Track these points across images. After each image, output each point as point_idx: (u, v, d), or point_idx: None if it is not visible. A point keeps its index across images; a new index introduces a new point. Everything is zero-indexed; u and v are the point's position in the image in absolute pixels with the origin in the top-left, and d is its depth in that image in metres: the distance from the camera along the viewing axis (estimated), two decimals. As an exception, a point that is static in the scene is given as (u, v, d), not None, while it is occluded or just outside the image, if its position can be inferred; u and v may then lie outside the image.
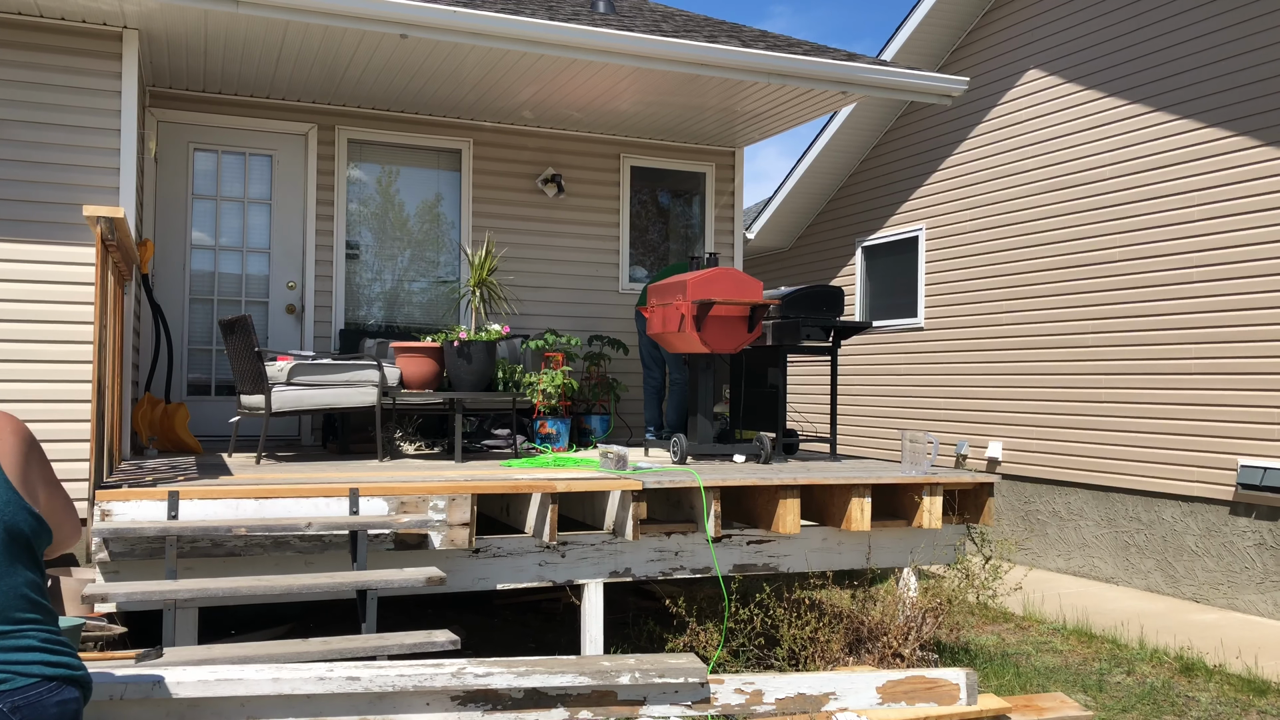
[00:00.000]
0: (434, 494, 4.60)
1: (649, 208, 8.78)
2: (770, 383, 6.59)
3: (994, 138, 9.14)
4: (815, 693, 2.79)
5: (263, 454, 5.82)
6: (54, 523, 2.08)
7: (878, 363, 10.54)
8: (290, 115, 7.61)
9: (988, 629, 6.38)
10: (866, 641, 5.26)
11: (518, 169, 8.26)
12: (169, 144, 7.38)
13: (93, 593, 3.85)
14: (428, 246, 8.08)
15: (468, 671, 2.60)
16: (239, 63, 6.73)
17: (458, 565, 4.76)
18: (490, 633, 6.05)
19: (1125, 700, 4.93)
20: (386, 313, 7.96)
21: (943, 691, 3.15)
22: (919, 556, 5.74)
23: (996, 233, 9.05)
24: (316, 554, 4.50)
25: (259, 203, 7.62)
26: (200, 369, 7.48)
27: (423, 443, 6.69)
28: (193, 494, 4.27)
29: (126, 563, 4.23)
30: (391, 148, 7.96)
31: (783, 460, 6.25)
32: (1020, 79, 8.86)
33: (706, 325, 5.77)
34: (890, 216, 10.50)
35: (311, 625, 5.92)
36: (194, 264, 7.44)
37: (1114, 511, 7.86)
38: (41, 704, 1.88)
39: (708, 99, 7.52)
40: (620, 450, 5.31)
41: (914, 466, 5.70)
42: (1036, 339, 8.59)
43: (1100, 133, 8.05)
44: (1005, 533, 8.82)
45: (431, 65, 6.78)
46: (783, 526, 5.14)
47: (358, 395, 5.90)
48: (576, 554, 4.97)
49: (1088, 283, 8.11)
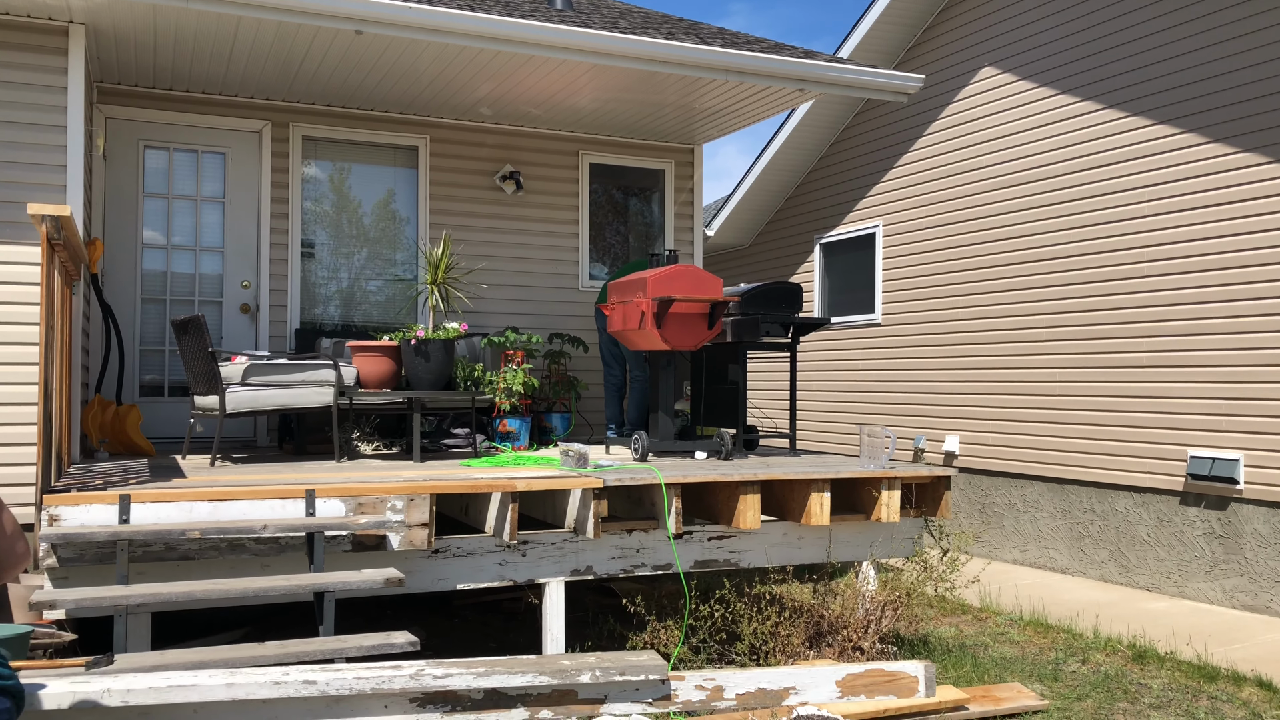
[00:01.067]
0: (392, 494, 4.56)
1: (608, 205, 8.76)
2: (731, 379, 6.61)
3: (949, 135, 9.23)
4: (775, 687, 2.80)
5: (217, 456, 5.74)
6: None
7: (837, 358, 10.62)
8: (244, 112, 7.50)
9: (946, 621, 6.45)
10: (827, 635, 5.30)
11: (476, 166, 8.21)
12: (118, 141, 7.24)
13: (41, 599, 3.77)
14: (385, 244, 8.01)
15: (426, 673, 2.58)
16: (190, 59, 6.62)
17: (417, 566, 4.72)
18: (451, 633, 6.01)
19: (1080, 689, 5.00)
20: (343, 312, 7.88)
21: (901, 684, 3.18)
22: (878, 550, 5.79)
23: (952, 229, 9.15)
24: (273, 556, 4.44)
25: (212, 201, 7.50)
26: (153, 370, 7.35)
27: (381, 443, 6.63)
28: (145, 497, 4.19)
29: (76, 568, 4.14)
30: (347, 145, 7.87)
31: (743, 456, 6.27)
32: (974, 76, 8.96)
33: (667, 322, 5.78)
34: (848, 213, 10.58)
35: (269, 629, 5.84)
36: (146, 263, 7.31)
37: (1069, 503, 7.98)
38: (-33, 717, 1.83)
39: (666, 96, 7.52)
40: (581, 448, 5.29)
41: (872, 461, 5.74)
42: (992, 334, 8.69)
43: (1053, 129, 8.16)
44: (963, 525, 8.93)
45: (387, 61, 6.72)
46: (743, 522, 5.16)
47: (314, 395, 5.83)
48: (537, 553, 4.95)
49: (1042, 278, 8.22)
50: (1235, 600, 6.74)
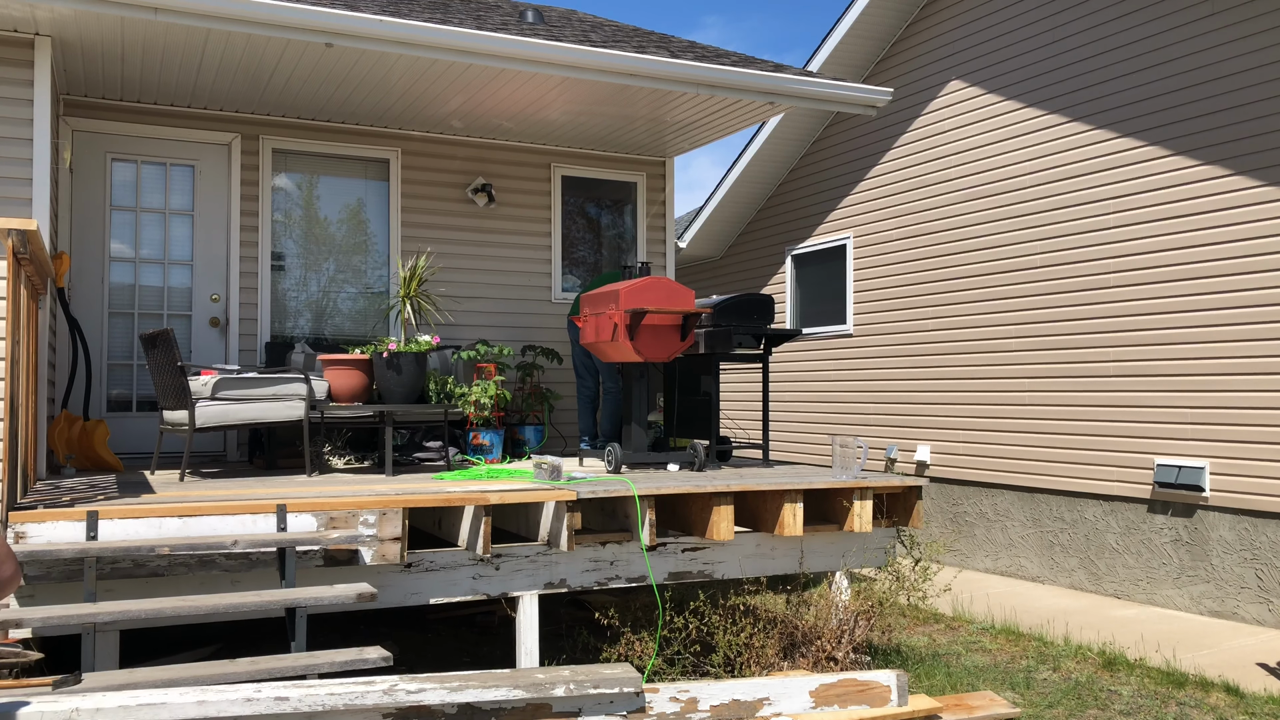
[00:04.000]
0: (364, 509, 4.53)
1: (581, 217, 8.78)
2: (703, 390, 6.63)
3: (918, 147, 9.33)
4: (749, 698, 2.81)
5: (187, 471, 5.68)
6: None
7: (809, 369, 10.67)
8: (213, 125, 7.46)
9: (919, 630, 6.48)
10: (801, 646, 5.31)
11: (448, 179, 8.20)
12: (85, 154, 7.17)
13: (7, 618, 3.71)
14: (356, 257, 7.98)
15: (400, 688, 2.57)
16: (159, 71, 6.58)
17: (390, 580, 4.70)
18: (424, 648, 5.97)
19: (1051, 696, 5.05)
20: (314, 325, 7.83)
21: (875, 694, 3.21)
22: (851, 560, 5.82)
23: (922, 240, 9.24)
24: (244, 572, 4.40)
25: (181, 214, 7.44)
26: (121, 385, 7.27)
27: (352, 456, 6.60)
28: (113, 513, 4.14)
29: (43, 586, 4.09)
30: (318, 157, 7.84)
31: (717, 467, 6.29)
32: (943, 89, 9.07)
33: (639, 334, 5.79)
34: (819, 225, 10.65)
35: (240, 645, 5.78)
36: (113, 277, 7.24)
37: (1039, 511, 8.06)
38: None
39: (637, 109, 7.55)
40: (554, 461, 5.29)
41: (844, 471, 5.78)
42: (962, 344, 8.78)
43: (1020, 142, 8.27)
44: (935, 535, 8.99)
45: (358, 74, 6.70)
46: (717, 533, 5.17)
47: (284, 409, 5.79)
48: (511, 566, 4.93)
49: (1012, 289, 8.31)
50: (1202, 607, 6.82)
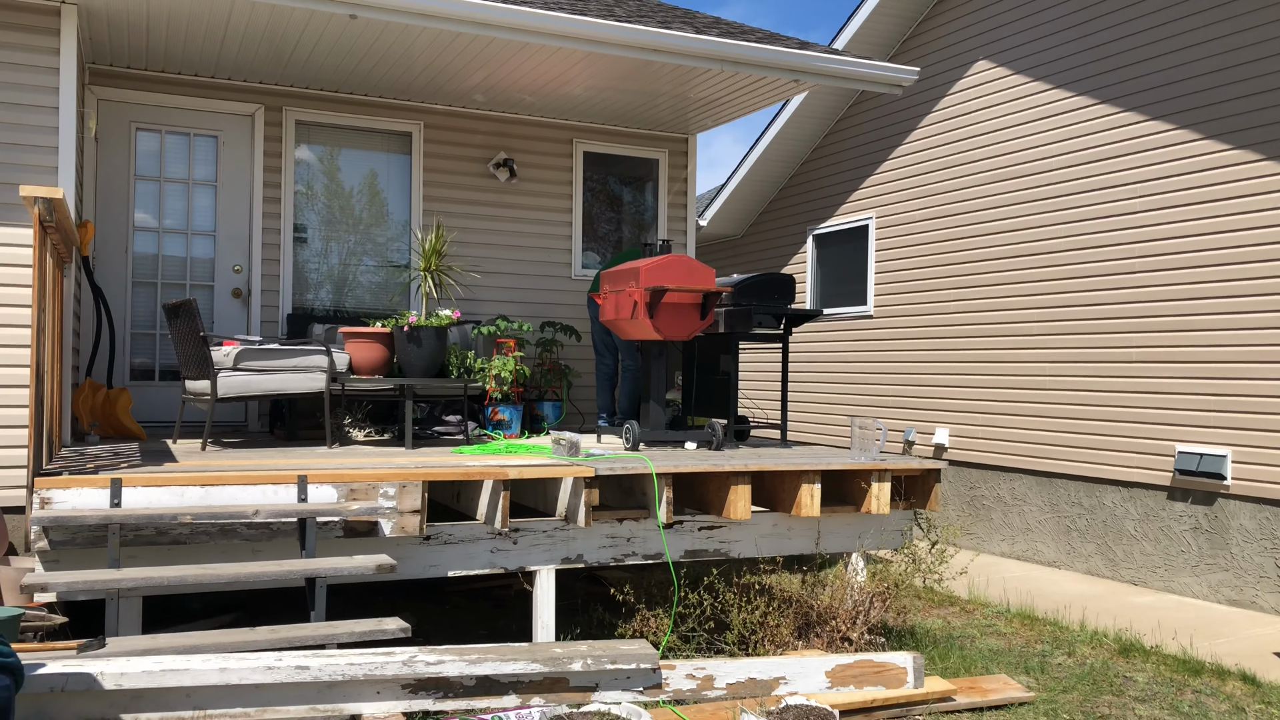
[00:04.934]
0: (384, 481, 4.56)
1: (602, 194, 8.75)
2: (722, 370, 6.62)
3: (943, 128, 9.24)
4: (765, 677, 2.82)
5: (208, 440, 5.73)
6: None
7: (828, 350, 10.64)
8: (236, 95, 7.46)
9: (934, 612, 6.48)
10: (816, 625, 5.33)
11: (469, 153, 8.18)
12: (110, 123, 7.20)
13: (32, 582, 3.76)
14: (377, 230, 7.99)
15: (419, 660, 2.59)
16: (183, 40, 6.58)
17: (409, 552, 4.73)
18: (441, 619, 6.02)
19: (1066, 681, 5.05)
20: (335, 297, 7.86)
21: (891, 675, 3.21)
22: (867, 541, 5.82)
23: (945, 222, 9.17)
24: (264, 542, 4.44)
25: (204, 184, 7.46)
26: (144, 353, 7.32)
27: (373, 429, 6.63)
28: (136, 481, 4.19)
29: (67, 551, 4.14)
30: (341, 130, 7.84)
31: (734, 447, 6.29)
32: (969, 70, 8.97)
33: (659, 312, 5.78)
34: (841, 205, 10.58)
35: (260, 613, 5.85)
36: (137, 246, 7.28)
37: (1057, 496, 8.02)
38: (-27, 694, 1.84)
39: (661, 85, 7.50)
40: (573, 437, 5.30)
41: (863, 453, 5.77)
42: (983, 327, 8.72)
43: (1047, 124, 8.18)
44: (951, 518, 8.97)
45: (381, 47, 6.69)
46: (734, 512, 5.18)
47: (306, 381, 5.82)
48: (529, 541, 4.96)
49: (1033, 272, 8.25)
50: (1221, 595, 6.79)
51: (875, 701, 4.46)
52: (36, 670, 2.46)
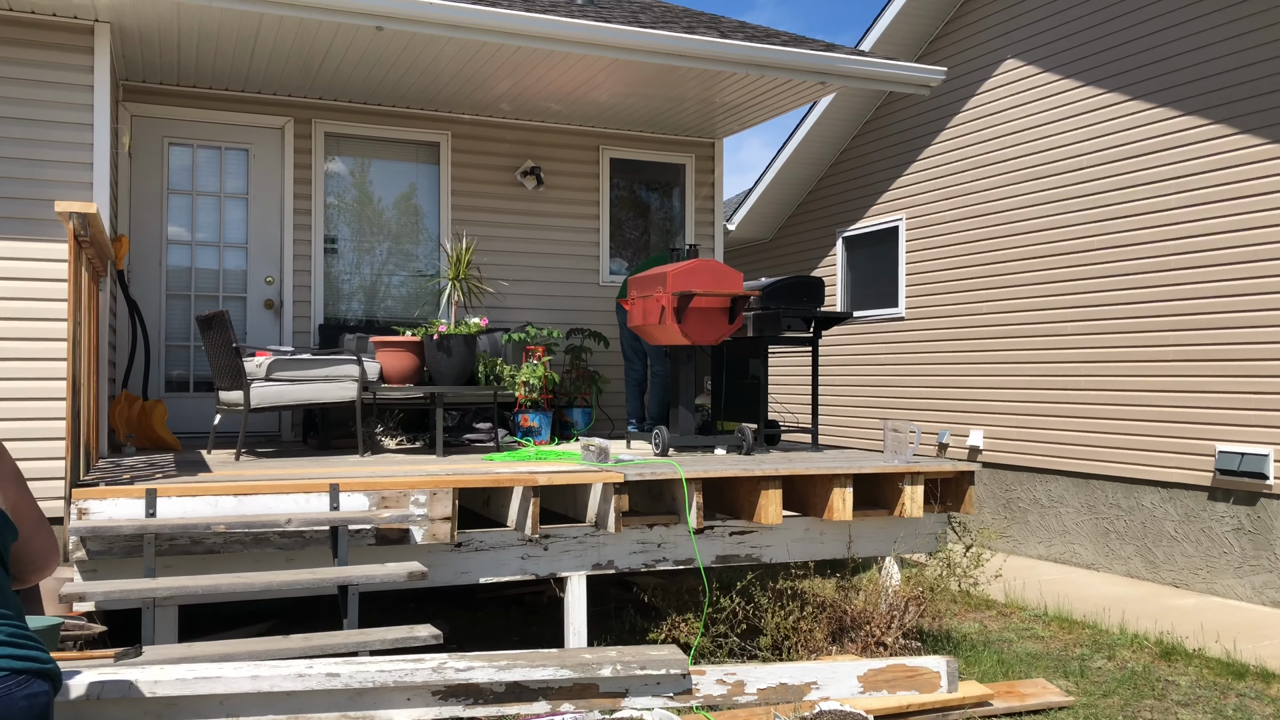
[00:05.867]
0: (415, 489, 4.58)
1: (629, 200, 8.76)
2: (752, 374, 6.59)
3: (972, 127, 9.16)
4: (797, 682, 2.80)
5: (242, 450, 5.79)
6: (23, 528, 2.06)
7: (859, 353, 10.57)
8: (266, 109, 7.55)
9: (970, 616, 6.41)
10: (850, 630, 5.28)
11: (497, 161, 8.22)
12: (143, 138, 7.30)
13: (70, 592, 3.82)
14: (406, 240, 8.04)
15: (449, 666, 2.59)
16: (213, 55, 6.67)
17: (440, 559, 4.75)
18: (474, 627, 6.04)
19: (1106, 685, 4.97)
20: (366, 307, 7.92)
21: (924, 680, 3.18)
22: (901, 546, 5.77)
23: (976, 222, 9.09)
24: (297, 550, 4.47)
25: (236, 197, 7.55)
26: (178, 365, 7.42)
27: (404, 437, 6.67)
28: (171, 491, 4.23)
29: (105, 561, 4.19)
30: (369, 141, 7.91)
31: (765, 451, 6.26)
32: (998, 69, 8.89)
33: (687, 317, 5.77)
34: (870, 207, 10.52)
35: (293, 622, 5.89)
36: (170, 259, 7.38)
37: (1094, 498, 7.91)
38: (10, 697, 1.86)
39: (687, 90, 7.50)
40: (602, 443, 5.30)
41: (896, 455, 5.72)
42: (1016, 327, 8.63)
43: (1077, 121, 8.09)
44: (986, 521, 8.87)
45: (408, 58, 6.74)
46: (765, 517, 5.15)
47: (337, 390, 5.87)
48: (559, 547, 4.96)
49: (1067, 271, 8.15)
50: (1265, 597, 6.66)
51: (910, 707, 4.42)
52: (73, 678, 2.49)
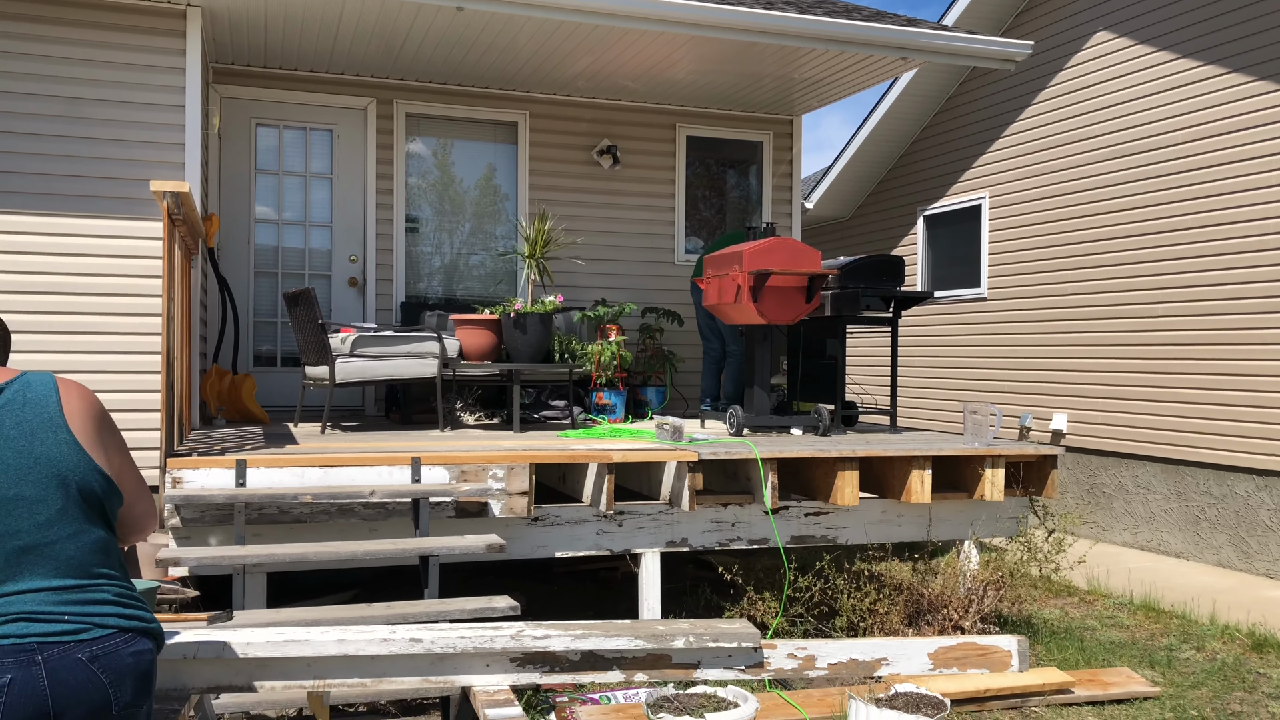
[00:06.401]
0: (493, 463, 4.65)
1: (705, 178, 8.72)
2: (829, 354, 6.53)
3: (1060, 103, 8.90)
4: (867, 658, 2.78)
5: (327, 424, 5.94)
6: (127, 493, 2.15)
7: (940, 333, 10.39)
8: (349, 90, 7.69)
9: (1052, 603, 6.29)
10: (926, 614, 5.22)
11: (573, 140, 8.25)
12: (232, 120, 7.50)
13: (166, 557, 3.97)
14: (485, 219, 8.13)
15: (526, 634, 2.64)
16: (299, 38, 6.81)
17: (517, 533, 4.82)
18: (550, 600, 6.12)
19: (1194, 677, 4.83)
20: (446, 285, 8.04)
21: (994, 658, 3.13)
22: (980, 529, 5.67)
23: (1062, 200, 8.84)
24: (380, 521, 4.58)
25: (320, 177, 7.72)
26: (266, 341, 7.63)
27: (482, 413, 6.77)
28: (259, 462, 4.37)
29: (197, 528, 4.35)
30: (449, 121, 8.00)
31: (841, 432, 6.21)
32: (1088, 42, 8.61)
33: (763, 296, 5.73)
34: (953, 184, 10.31)
35: (375, 591, 6.04)
36: (258, 238, 7.58)
37: (1184, 485, 7.67)
38: (118, 654, 1.95)
39: (765, 67, 7.43)
40: (676, 421, 5.31)
41: (976, 438, 5.62)
42: (1103, 308, 8.39)
43: (1172, 95, 7.79)
44: (1070, 506, 8.67)
45: (487, 38, 6.79)
46: (841, 498, 5.11)
47: (418, 366, 5.98)
48: (633, 524, 4.99)
49: (1156, 250, 7.89)
50: (1364, 589, 6.40)
51: (988, 691, 4.35)
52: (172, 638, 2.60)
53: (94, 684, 1.90)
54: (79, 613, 1.93)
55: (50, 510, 1.95)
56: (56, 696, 1.86)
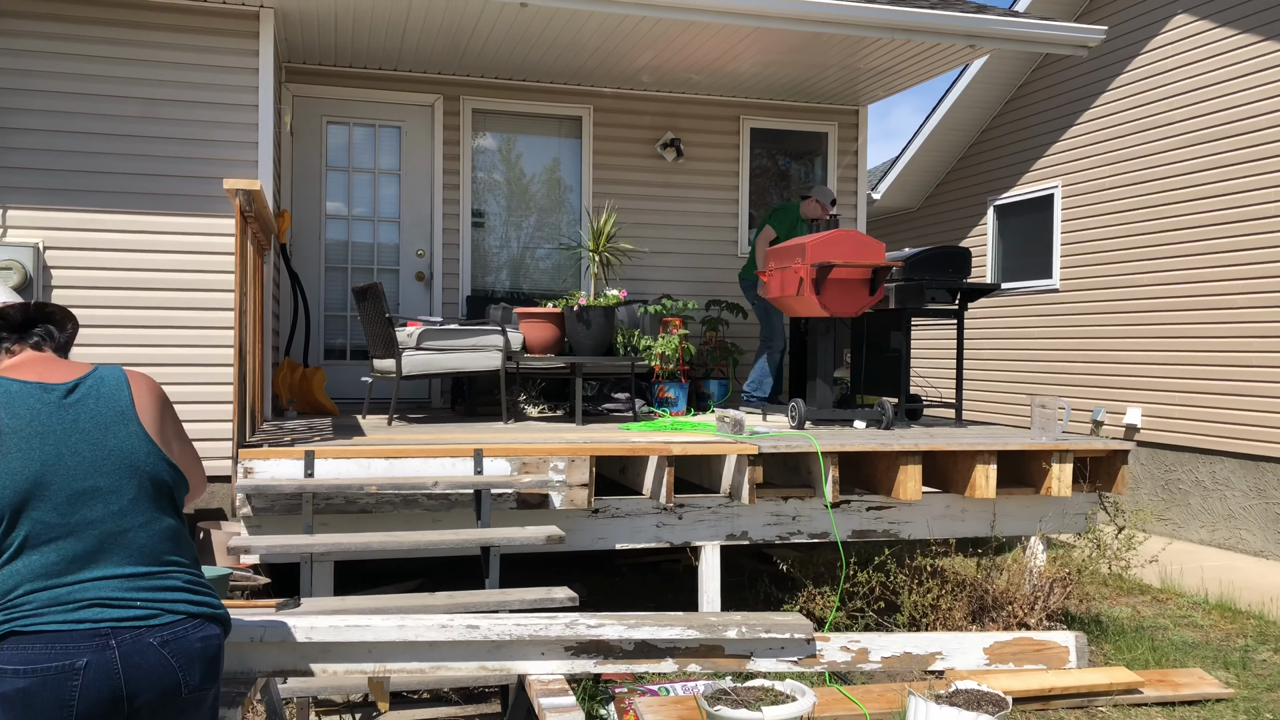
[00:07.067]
0: (554, 455, 4.71)
1: (769, 170, 8.68)
2: (893, 347, 6.46)
3: (1136, 89, 8.66)
4: (922, 652, 2.76)
5: (394, 416, 6.06)
6: (186, 473, 2.23)
7: (1009, 326, 10.20)
8: (417, 87, 7.81)
9: (1122, 601, 6.15)
10: (990, 610, 5.15)
11: (637, 134, 8.28)
12: (303, 118, 7.68)
13: (237, 545, 4.10)
14: (550, 213, 8.21)
15: (581, 623, 2.68)
16: (367, 36, 6.94)
17: (577, 525, 4.87)
18: (611, 591, 6.17)
19: (1271, 679, 4.69)
20: (511, 279, 8.13)
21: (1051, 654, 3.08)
22: (1047, 525, 5.57)
23: (1138, 189, 8.60)
24: (443, 512, 4.67)
25: (388, 173, 7.86)
26: (336, 334, 7.80)
27: (545, 405, 6.84)
28: (327, 453, 4.48)
29: (268, 517, 4.48)
30: (514, 116, 8.09)
31: (905, 426, 6.14)
32: (1166, 25, 8.36)
33: (826, 288, 5.70)
34: (1024, 174, 10.10)
35: (439, 582, 6.16)
36: (329, 234, 7.75)
37: (1264, 481, 7.43)
38: (187, 639, 2.03)
39: (829, 57, 7.36)
40: (737, 415, 5.31)
41: (1043, 433, 5.52)
42: (1180, 300, 8.15)
43: (1255, 79, 7.53)
44: (1143, 502, 8.46)
45: (551, 33, 6.84)
46: (903, 493, 5.06)
47: (483, 359, 6.07)
48: (693, 516, 5.01)
49: (1236, 240, 7.63)
50: None
51: (1053, 690, 4.29)
52: (240, 622, 2.69)
53: (165, 667, 1.98)
54: (151, 599, 2.02)
55: (124, 500, 2.04)
56: (130, 679, 1.94)
